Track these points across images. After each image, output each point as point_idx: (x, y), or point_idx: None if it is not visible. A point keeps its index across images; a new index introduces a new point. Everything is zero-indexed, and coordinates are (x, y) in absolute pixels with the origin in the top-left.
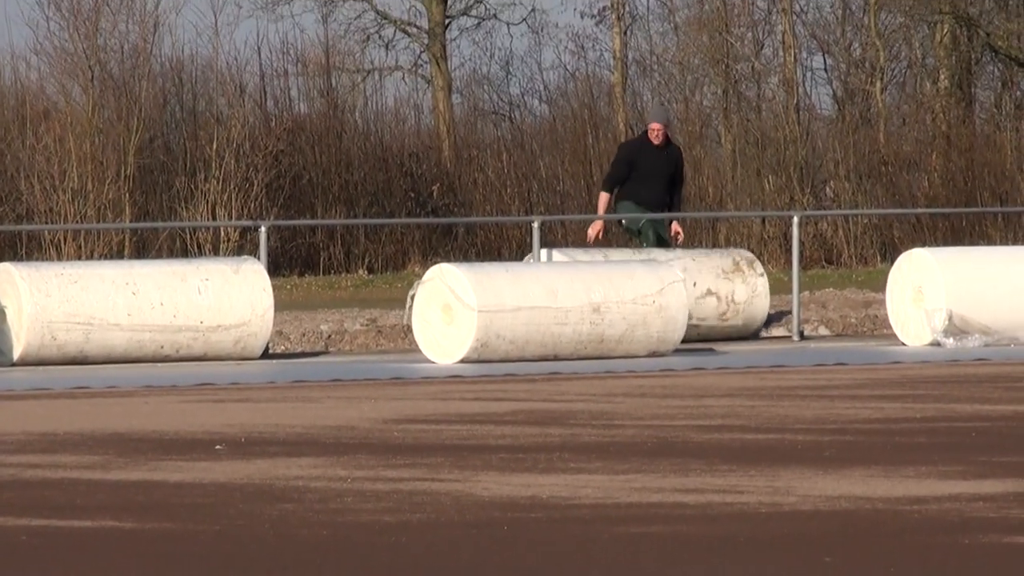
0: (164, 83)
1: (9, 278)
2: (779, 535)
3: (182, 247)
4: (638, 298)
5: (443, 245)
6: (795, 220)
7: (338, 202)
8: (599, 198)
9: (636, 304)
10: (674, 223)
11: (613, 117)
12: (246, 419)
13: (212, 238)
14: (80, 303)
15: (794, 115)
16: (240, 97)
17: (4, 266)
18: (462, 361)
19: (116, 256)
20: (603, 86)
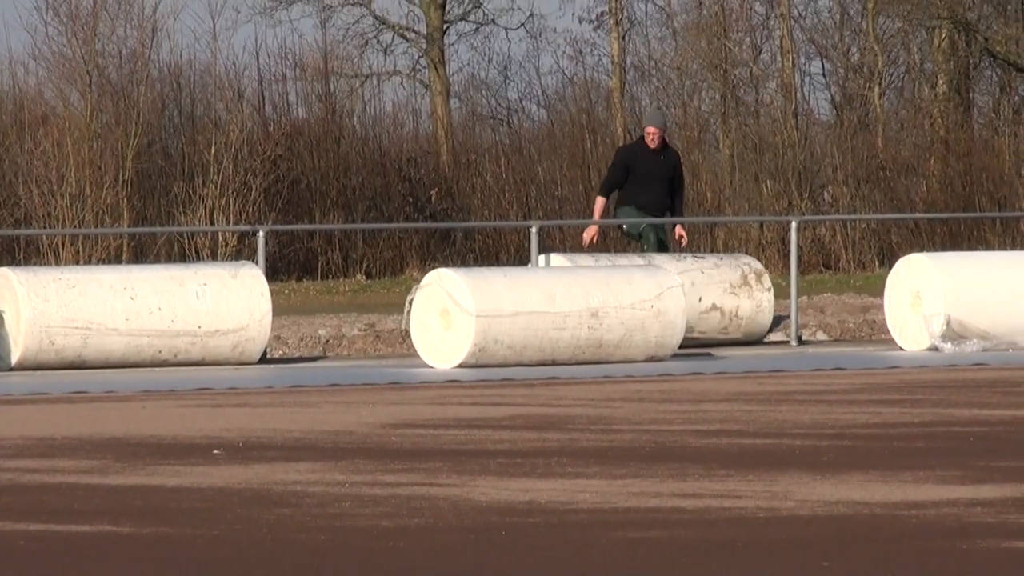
0: (162, 88)
1: (7, 283)
2: (777, 540)
3: (180, 252)
4: (636, 303)
5: (441, 250)
6: (793, 225)
7: (336, 207)
8: (595, 203)
9: (634, 309)
10: (678, 227)
11: (611, 122)
12: (244, 424)
13: (210, 243)
14: (78, 308)
15: (792, 120)
16: (238, 102)
17: (2, 271)
18: (460, 366)
19: (114, 261)
20: (601, 91)
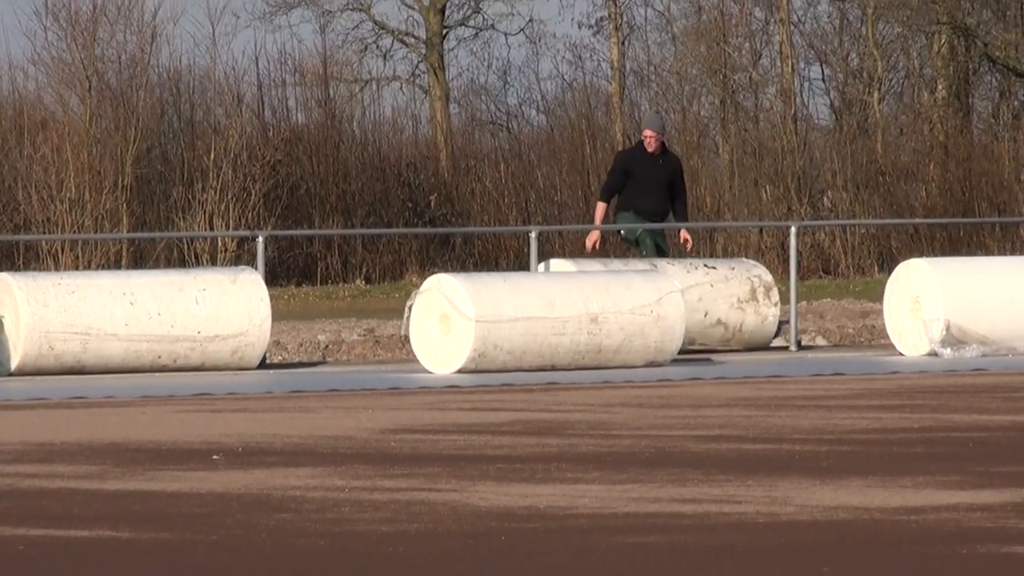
0: (162, 93)
1: (7, 288)
2: (776, 545)
3: (179, 257)
4: (636, 308)
5: (440, 255)
6: (793, 230)
7: (335, 212)
8: (596, 208)
9: (634, 314)
10: (683, 231)
11: (611, 127)
12: (243, 429)
13: (209, 248)
14: (77, 313)
15: (792, 125)
16: (238, 107)
17: (2, 276)
18: (459, 371)
19: (114, 266)
20: (601, 96)
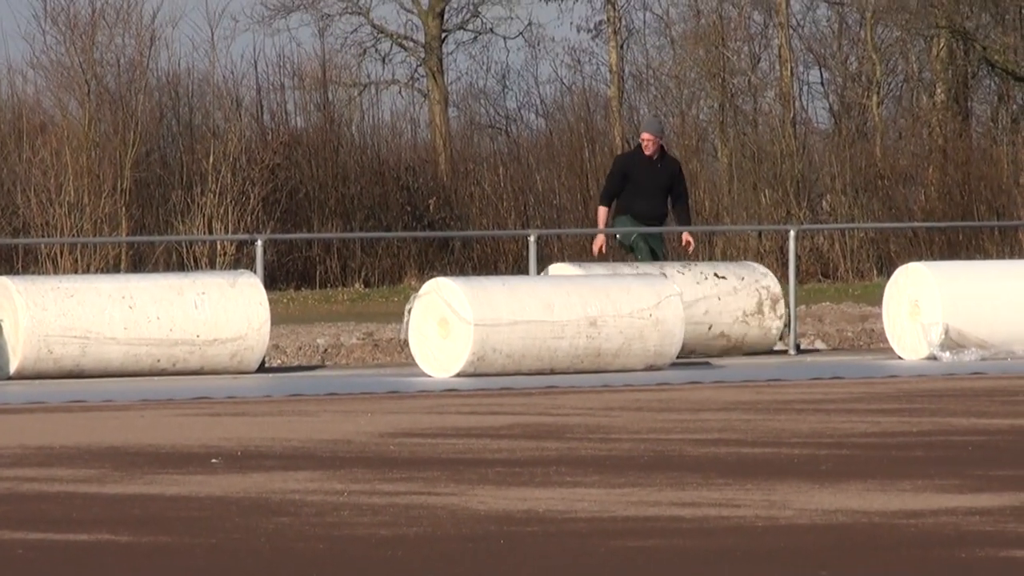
0: (160, 97)
1: (5, 292)
2: (776, 549)
3: (178, 261)
4: (635, 312)
5: (439, 259)
6: (791, 234)
7: (334, 216)
8: (598, 212)
9: (633, 318)
10: (684, 233)
11: (609, 131)
12: (242, 433)
13: (208, 252)
14: (76, 317)
15: (790, 129)
16: (236, 111)
17: (1, 280)
18: (458, 375)
19: (113, 270)
20: (599, 100)
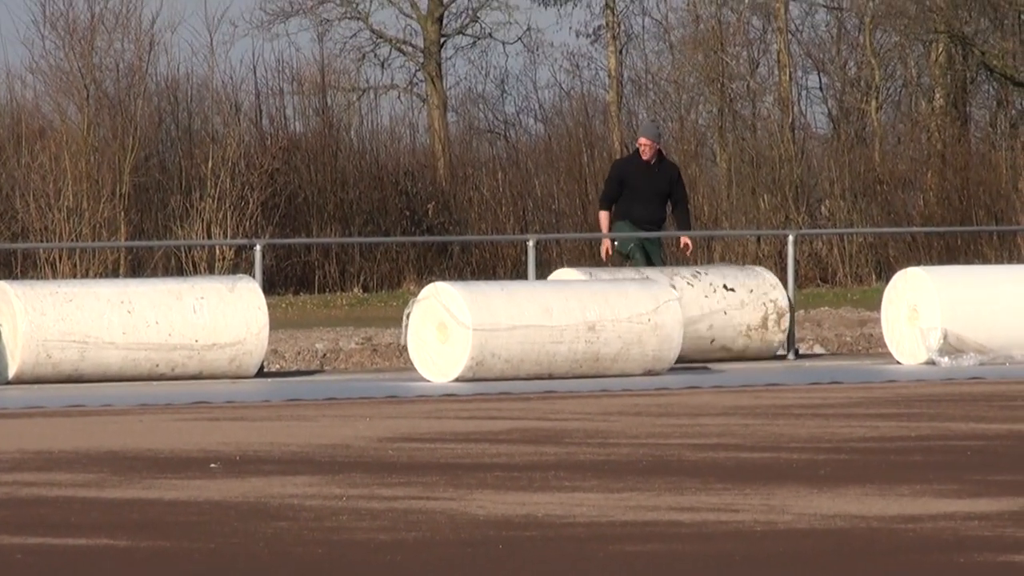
0: (160, 102)
1: (4, 296)
2: (774, 553)
3: (177, 266)
4: (633, 316)
5: (438, 264)
6: (790, 239)
7: (333, 220)
8: (599, 217)
9: (631, 323)
10: (683, 237)
11: (608, 136)
12: (241, 437)
13: (207, 257)
14: (75, 321)
15: (789, 134)
16: (235, 116)
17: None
18: (457, 380)
19: (111, 275)
20: (598, 105)
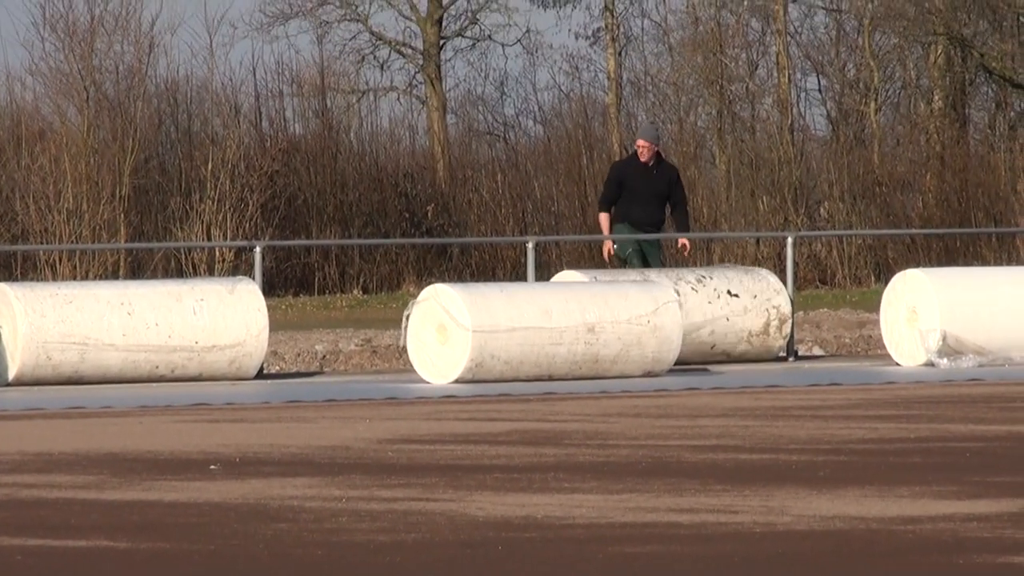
0: (159, 104)
1: (4, 298)
2: (774, 555)
3: (177, 267)
4: (633, 318)
5: (438, 265)
6: (789, 241)
7: (333, 222)
8: (600, 219)
9: (631, 324)
10: (681, 238)
11: (608, 138)
12: (241, 439)
13: (207, 258)
14: (75, 323)
15: (788, 136)
16: (235, 118)
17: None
18: (457, 381)
19: (111, 276)
20: (597, 107)
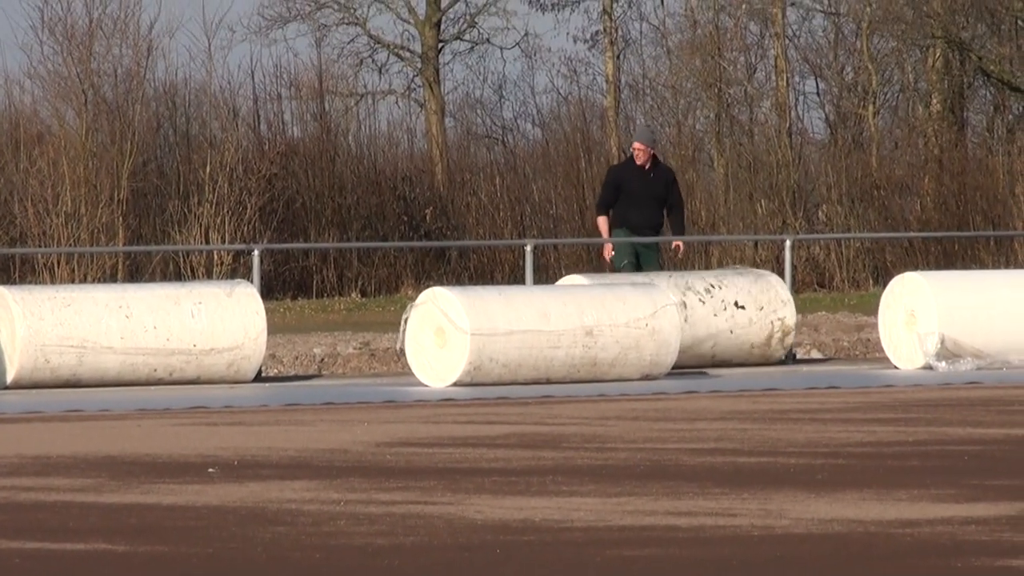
0: (158, 107)
1: (3, 301)
2: (772, 558)
3: (175, 271)
4: (631, 321)
5: (436, 269)
6: (788, 244)
7: (331, 226)
8: (598, 223)
9: (629, 327)
10: (675, 241)
11: (606, 141)
12: (239, 442)
13: (205, 262)
14: (73, 326)
15: (787, 139)
16: (233, 121)
17: None
18: (455, 384)
19: (109, 280)
20: (596, 110)
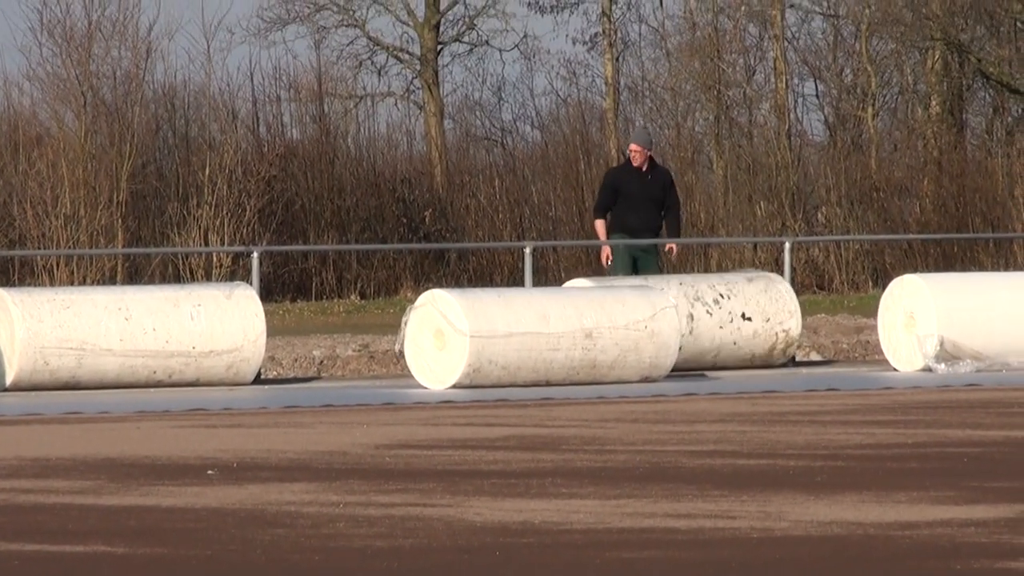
0: (157, 109)
1: (2, 303)
2: (771, 560)
3: (174, 273)
4: (630, 324)
5: (435, 271)
6: (787, 246)
7: (330, 228)
8: (595, 226)
9: (628, 330)
10: (669, 243)
11: (605, 143)
12: (238, 444)
13: (204, 264)
14: (72, 328)
15: (786, 141)
16: (232, 123)
17: None
18: (454, 387)
19: (109, 282)
20: (595, 112)
